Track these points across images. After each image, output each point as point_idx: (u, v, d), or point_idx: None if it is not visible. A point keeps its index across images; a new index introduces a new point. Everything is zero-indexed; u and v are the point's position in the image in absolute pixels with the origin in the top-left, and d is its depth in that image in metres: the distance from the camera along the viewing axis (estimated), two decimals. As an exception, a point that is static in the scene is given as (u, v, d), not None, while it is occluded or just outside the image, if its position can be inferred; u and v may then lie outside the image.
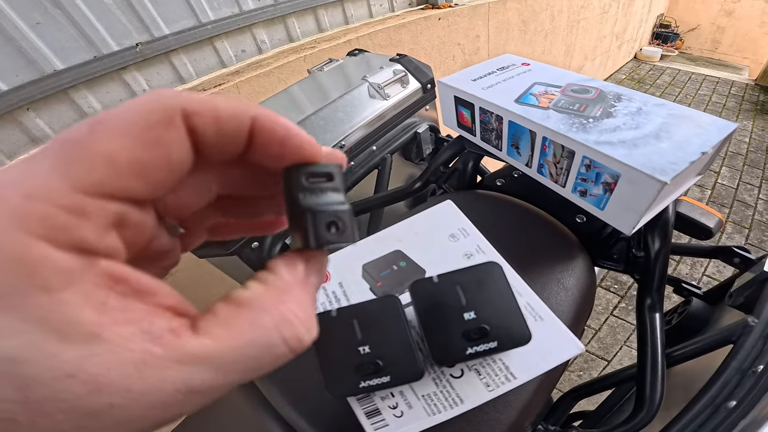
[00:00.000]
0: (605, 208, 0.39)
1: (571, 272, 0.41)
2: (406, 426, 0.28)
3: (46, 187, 0.10)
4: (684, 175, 0.35)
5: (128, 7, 0.88)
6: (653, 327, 0.43)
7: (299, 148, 0.14)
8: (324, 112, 0.69)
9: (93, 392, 0.10)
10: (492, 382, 0.28)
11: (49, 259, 0.10)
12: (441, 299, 0.27)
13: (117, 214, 0.12)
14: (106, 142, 0.11)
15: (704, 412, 0.39)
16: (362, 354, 0.27)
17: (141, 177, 0.12)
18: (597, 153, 0.37)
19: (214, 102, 0.13)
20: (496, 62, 0.59)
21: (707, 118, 0.38)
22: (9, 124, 0.87)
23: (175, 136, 0.12)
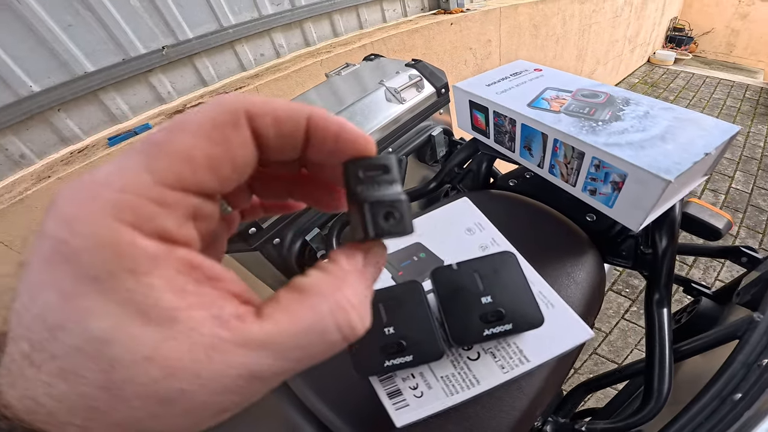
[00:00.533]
0: (614, 206, 0.42)
1: (581, 267, 0.44)
2: (426, 406, 0.30)
3: (135, 181, 0.11)
4: (688, 175, 0.37)
5: (155, 11, 0.93)
6: (661, 321, 0.45)
7: (353, 142, 0.15)
8: (343, 114, 0.72)
9: (167, 377, 0.11)
10: (507, 364, 0.31)
11: (137, 245, 0.11)
12: (460, 285, 0.30)
13: (193, 206, 0.13)
14: (183, 142, 0.12)
15: (711, 404, 0.40)
16: (387, 335, 0.29)
17: (212, 172, 0.13)
18: (606, 154, 0.39)
19: (272, 103, 0.14)
20: (510, 68, 0.62)
21: (711, 121, 0.41)
22: (40, 124, 0.92)
23: (240, 135, 0.13)
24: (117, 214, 0.11)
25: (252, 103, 0.14)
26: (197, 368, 0.11)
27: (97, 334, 0.10)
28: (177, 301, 0.11)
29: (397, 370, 0.30)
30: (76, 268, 0.10)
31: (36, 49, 0.84)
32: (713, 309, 0.62)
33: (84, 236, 0.11)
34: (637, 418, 0.43)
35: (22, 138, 0.90)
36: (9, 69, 0.82)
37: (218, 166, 0.13)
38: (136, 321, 0.11)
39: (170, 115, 0.99)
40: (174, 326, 0.11)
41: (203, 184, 0.13)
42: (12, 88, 0.84)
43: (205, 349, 0.11)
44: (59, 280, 0.11)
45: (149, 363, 0.11)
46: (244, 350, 0.12)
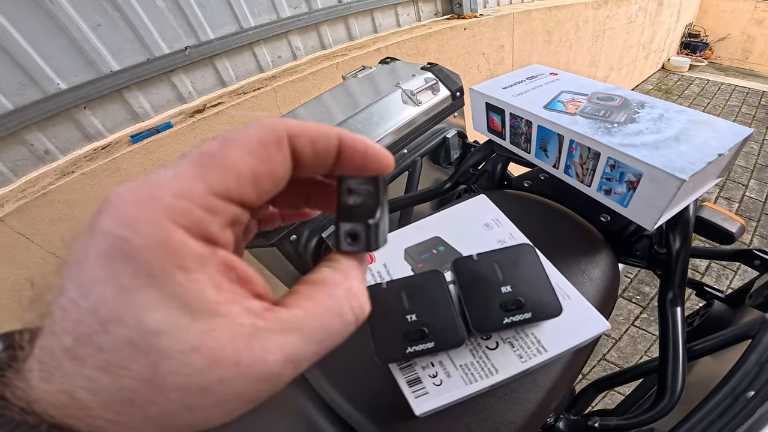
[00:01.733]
0: (629, 206, 0.43)
1: (596, 265, 0.45)
2: (445, 394, 0.31)
3: (190, 188, 0.13)
4: (702, 175, 0.39)
5: (179, 12, 0.96)
6: (675, 320, 0.46)
7: (377, 159, 0.17)
8: (361, 115, 0.74)
9: (210, 366, 0.12)
10: (525, 354, 0.32)
11: (188, 245, 0.12)
12: (480, 274, 0.31)
13: (234, 214, 0.14)
14: (234, 157, 0.14)
15: (724, 402, 0.41)
16: (409, 321, 0.31)
17: (254, 186, 0.14)
18: (621, 154, 0.41)
19: (307, 125, 0.16)
20: (526, 72, 0.64)
21: (724, 124, 0.42)
22: (66, 121, 0.96)
23: (282, 154, 0.15)
24: (173, 216, 0.12)
25: (291, 125, 0.15)
26: (237, 357, 0.12)
27: (151, 326, 0.11)
28: (218, 296, 0.12)
29: (418, 357, 0.31)
30: (137, 265, 0.11)
31: (65, 48, 0.87)
32: (726, 312, 0.62)
33: (144, 236, 0.12)
34: (651, 414, 0.44)
35: (47, 134, 0.94)
36: (38, 67, 0.86)
37: (260, 180, 0.14)
38: (184, 314, 0.12)
39: (191, 114, 1.02)
40: (216, 319, 0.12)
41: (246, 196, 0.14)
42: (40, 85, 0.88)
43: (244, 338, 0.12)
44: (118, 275, 0.11)
45: (195, 353, 0.11)
46: (279, 335, 0.13)
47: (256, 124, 0.15)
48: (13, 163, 0.92)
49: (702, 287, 0.70)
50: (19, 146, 0.92)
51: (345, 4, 1.27)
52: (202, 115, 1.01)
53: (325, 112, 0.78)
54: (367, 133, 0.74)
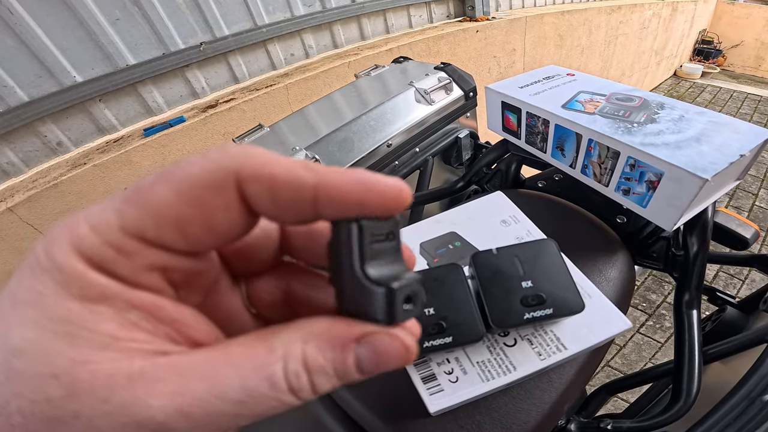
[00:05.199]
0: (647, 206, 0.43)
1: (613, 265, 0.45)
2: (461, 391, 0.30)
3: (105, 223, 0.12)
4: (723, 176, 0.38)
5: (196, 8, 0.98)
6: (690, 323, 0.45)
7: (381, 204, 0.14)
8: (374, 113, 0.74)
9: (67, 397, 0.10)
10: (544, 351, 0.31)
11: (88, 277, 0.12)
12: (500, 269, 0.31)
13: (158, 259, 0.13)
14: (158, 195, 0.12)
15: (740, 405, 0.41)
16: (427, 315, 0.30)
17: (178, 231, 0.12)
18: (642, 153, 0.41)
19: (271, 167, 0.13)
20: (542, 72, 0.63)
21: (745, 126, 0.42)
22: (80, 113, 0.97)
23: (222, 200, 0.13)
24: (78, 247, 0.12)
25: (248, 164, 0.13)
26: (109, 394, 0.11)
27: (14, 343, 0.11)
28: (119, 331, 0.12)
29: (435, 351, 0.31)
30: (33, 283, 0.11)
31: (83, 41, 0.89)
32: (738, 317, 0.62)
33: (49, 258, 0.11)
34: (666, 416, 0.43)
35: (60, 126, 0.95)
36: (56, 59, 0.87)
37: (187, 226, 0.12)
38: (60, 340, 0.11)
39: (203, 109, 1.03)
40: (103, 352, 0.11)
41: (165, 241, 0.13)
42: (56, 77, 0.89)
43: (128, 377, 0.11)
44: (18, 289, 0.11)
45: (53, 380, 0.11)
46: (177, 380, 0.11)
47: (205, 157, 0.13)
48: (25, 153, 0.93)
49: (714, 293, 0.70)
50: (32, 137, 0.93)
51: (358, 4, 1.27)
52: (215, 110, 1.02)
53: (338, 110, 0.78)
54: (381, 131, 0.74)
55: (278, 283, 0.18)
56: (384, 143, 0.74)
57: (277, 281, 0.18)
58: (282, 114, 1.11)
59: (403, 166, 0.79)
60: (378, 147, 0.73)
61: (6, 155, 0.90)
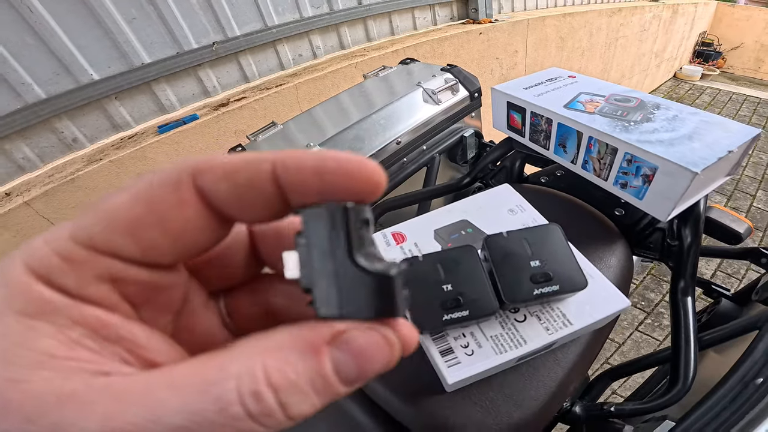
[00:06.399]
0: (644, 198, 0.47)
1: (612, 253, 0.49)
2: (477, 363, 0.33)
3: (57, 234, 0.12)
4: (713, 171, 0.42)
5: (209, 8, 1.02)
6: (686, 309, 0.49)
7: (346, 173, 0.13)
8: (384, 111, 0.78)
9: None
10: (551, 326, 0.35)
11: (32, 290, 0.11)
12: (511, 250, 0.35)
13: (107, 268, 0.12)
14: (113, 201, 0.12)
15: (735, 389, 0.43)
16: (445, 291, 0.34)
17: (131, 237, 0.12)
18: (638, 149, 0.45)
19: (230, 157, 0.13)
20: (545, 74, 0.67)
21: (735, 125, 0.45)
22: (95, 111, 1.01)
23: (177, 197, 0.12)
24: (28, 260, 0.12)
25: (204, 160, 0.13)
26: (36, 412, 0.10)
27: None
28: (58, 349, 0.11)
29: (454, 324, 0.34)
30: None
31: (100, 40, 0.92)
32: (733, 309, 0.66)
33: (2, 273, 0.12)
34: (665, 399, 0.46)
35: (76, 123, 0.99)
36: (74, 57, 0.91)
37: (141, 230, 0.12)
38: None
39: (215, 107, 1.07)
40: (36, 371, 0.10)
41: (118, 248, 0.12)
42: (74, 75, 0.93)
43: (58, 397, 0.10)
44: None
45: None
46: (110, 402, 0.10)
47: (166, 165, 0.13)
48: (41, 149, 0.97)
49: (710, 286, 0.73)
50: (48, 133, 0.96)
51: (365, 6, 1.31)
52: (227, 108, 1.05)
53: (348, 109, 0.82)
54: (390, 128, 0.78)
55: (257, 297, 0.17)
56: (393, 141, 0.77)
57: (256, 295, 0.17)
58: (292, 112, 1.14)
59: (411, 163, 0.83)
60: (388, 144, 0.76)
61: (22, 151, 0.94)
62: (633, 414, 0.49)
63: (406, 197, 0.77)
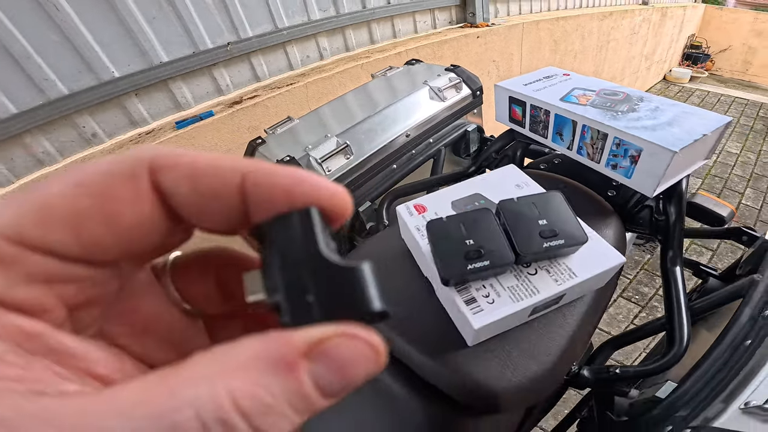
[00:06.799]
0: (632, 177, 0.54)
1: (607, 227, 0.56)
2: (497, 310, 0.39)
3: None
4: (690, 152, 0.50)
5: (224, 9, 1.08)
6: (675, 277, 0.56)
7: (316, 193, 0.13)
8: (394, 107, 0.86)
9: None
10: (559, 278, 0.41)
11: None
12: (521, 212, 0.41)
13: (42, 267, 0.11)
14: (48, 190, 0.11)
15: (726, 351, 0.49)
16: (468, 245, 0.40)
17: (71, 231, 0.11)
18: (625, 134, 0.52)
19: (196, 156, 0.12)
20: (542, 72, 0.75)
21: (709, 114, 0.53)
22: (115, 107, 1.06)
23: (131, 191, 0.11)
24: None
25: (165, 153, 0.12)
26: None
27: None
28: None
29: (476, 274, 0.39)
30: None
31: (122, 38, 0.98)
32: (720, 286, 0.72)
33: None
34: (664, 360, 0.51)
35: (96, 118, 1.04)
36: (96, 55, 0.96)
37: (83, 224, 0.11)
38: None
39: (230, 104, 1.13)
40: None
41: (53, 244, 0.11)
42: (96, 72, 0.98)
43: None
44: None
45: None
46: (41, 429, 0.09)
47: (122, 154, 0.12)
48: (60, 144, 1.02)
49: (698, 266, 0.81)
50: (69, 129, 1.02)
51: (369, 10, 1.39)
52: (240, 106, 1.12)
53: (361, 105, 0.89)
54: (401, 123, 0.85)
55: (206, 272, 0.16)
56: (403, 134, 0.85)
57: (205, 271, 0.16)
58: (302, 110, 1.21)
59: (419, 155, 0.90)
60: (398, 137, 0.84)
61: (42, 145, 0.99)
62: (637, 376, 0.54)
63: (415, 185, 0.84)
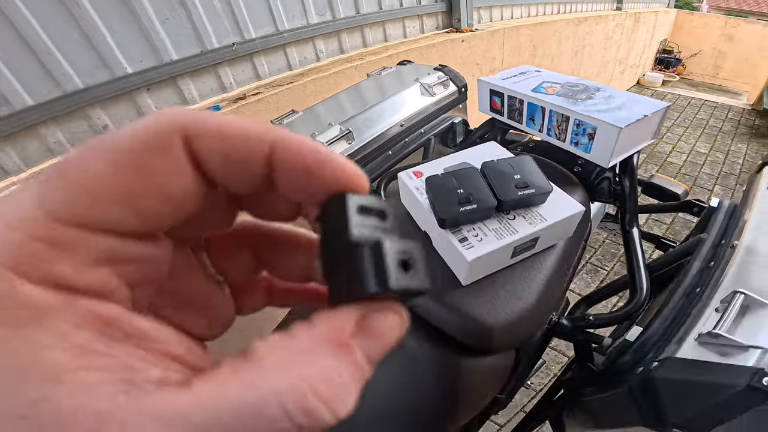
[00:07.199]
0: (591, 152, 0.66)
1: (573, 194, 0.66)
2: (485, 246, 0.49)
3: (24, 216, 0.10)
4: (635, 130, 0.62)
5: (230, 12, 1.18)
6: (633, 237, 0.68)
7: (334, 175, 0.13)
8: (390, 100, 0.97)
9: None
10: (533, 221, 0.51)
11: (18, 292, 0.10)
12: (501, 169, 0.52)
13: (107, 247, 0.11)
14: (91, 168, 0.11)
15: (681, 297, 0.58)
16: (460, 194, 0.50)
17: (128, 207, 0.11)
18: (583, 116, 0.64)
19: (224, 122, 0.12)
20: (518, 69, 0.88)
21: (651, 101, 0.66)
22: (126, 101, 1.14)
23: (171, 162, 0.12)
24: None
25: (194, 119, 0.12)
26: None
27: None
28: (67, 360, 0.10)
29: (467, 217, 0.49)
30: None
31: (136, 37, 1.06)
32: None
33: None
34: (629, 308, 0.61)
35: (108, 111, 1.11)
36: (112, 52, 1.04)
37: (137, 199, 0.11)
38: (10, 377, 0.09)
39: (234, 100, 1.23)
40: (57, 387, 0.09)
41: (114, 222, 0.11)
42: (110, 68, 1.06)
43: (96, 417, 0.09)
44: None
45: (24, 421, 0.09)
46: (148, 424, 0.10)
47: (145, 118, 0.12)
48: (72, 135, 1.07)
49: (659, 239, 0.94)
50: (81, 121, 1.08)
51: (362, 15, 1.51)
52: (244, 102, 1.22)
53: (360, 99, 1.00)
54: (397, 114, 0.96)
55: (243, 247, 0.17)
56: (397, 124, 0.96)
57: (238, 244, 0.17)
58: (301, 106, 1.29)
59: (412, 143, 1.01)
60: (393, 126, 0.95)
61: (55, 135, 1.04)
62: (609, 322, 0.64)
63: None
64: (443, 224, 0.51)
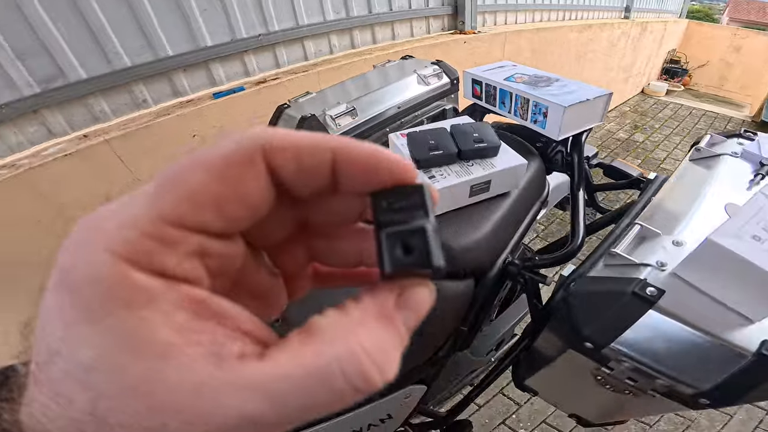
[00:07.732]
0: (546, 127, 0.84)
1: (532, 162, 0.85)
2: (450, 182, 0.65)
3: (137, 217, 0.12)
4: (579, 111, 0.80)
5: (258, 6, 1.38)
6: (577, 198, 0.85)
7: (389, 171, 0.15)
8: (390, 87, 1.15)
9: (151, 410, 0.11)
10: (485, 168, 0.68)
11: (131, 279, 0.12)
12: (464, 130, 0.70)
13: (198, 244, 0.13)
14: (191, 179, 0.13)
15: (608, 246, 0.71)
16: (431, 144, 0.68)
17: (217, 212, 0.13)
18: (539, 98, 0.82)
19: (295, 137, 0.14)
20: (498, 64, 1.06)
21: (597, 89, 0.84)
22: (164, 79, 1.33)
23: (253, 174, 0.14)
24: (114, 247, 0.12)
25: (272, 137, 0.14)
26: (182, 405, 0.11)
27: (84, 362, 0.11)
28: (173, 337, 0.12)
29: (435, 160, 0.67)
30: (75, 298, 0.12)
31: (178, 24, 1.26)
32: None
33: (82, 267, 0.12)
34: (567, 250, 0.77)
35: (148, 88, 1.30)
36: (158, 35, 1.23)
37: (224, 205, 0.14)
38: (124, 353, 0.11)
39: (256, 83, 1.42)
40: (165, 361, 0.12)
41: (206, 224, 0.13)
42: (155, 49, 1.25)
43: (195, 387, 0.11)
44: (62, 308, 0.12)
45: (133, 394, 0.11)
46: (238, 392, 0.12)
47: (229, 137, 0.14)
48: (116, 105, 1.26)
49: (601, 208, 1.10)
50: (125, 94, 1.27)
51: (374, 15, 1.70)
52: (265, 84, 1.41)
53: (365, 84, 1.19)
54: (395, 98, 1.14)
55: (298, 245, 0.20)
56: (395, 106, 1.14)
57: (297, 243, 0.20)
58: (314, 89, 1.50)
59: (407, 123, 1.19)
60: (391, 107, 1.13)
61: (101, 105, 1.23)
62: (552, 263, 0.78)
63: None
64: (418, 165, 0.69)
